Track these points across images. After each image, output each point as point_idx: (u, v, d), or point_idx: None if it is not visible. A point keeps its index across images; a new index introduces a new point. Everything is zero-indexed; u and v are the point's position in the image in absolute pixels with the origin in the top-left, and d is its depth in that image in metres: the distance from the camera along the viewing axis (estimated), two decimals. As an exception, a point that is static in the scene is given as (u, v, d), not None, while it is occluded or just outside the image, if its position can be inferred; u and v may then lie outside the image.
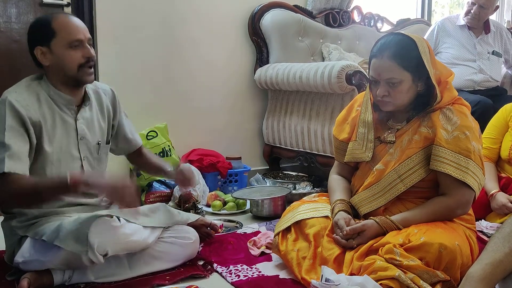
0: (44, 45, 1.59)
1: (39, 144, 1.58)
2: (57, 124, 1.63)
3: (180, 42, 2.90)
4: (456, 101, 1.67)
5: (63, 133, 1.64)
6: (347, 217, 1.64)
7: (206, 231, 1.98)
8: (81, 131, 1.68)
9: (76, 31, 1.60)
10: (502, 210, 2.13)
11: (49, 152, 1.60)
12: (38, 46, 1.60)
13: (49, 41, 1.59)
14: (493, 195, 2.16)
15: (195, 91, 2.99)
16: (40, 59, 1.61)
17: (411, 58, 1.60)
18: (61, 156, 1.64)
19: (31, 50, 1.62)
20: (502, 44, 3.35)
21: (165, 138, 2.81)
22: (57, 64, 1.60)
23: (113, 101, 1.84)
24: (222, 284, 1.66)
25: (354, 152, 1.76)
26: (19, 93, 1.57)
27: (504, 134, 2.31)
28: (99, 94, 1.79)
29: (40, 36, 1.60)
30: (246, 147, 3.21)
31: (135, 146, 1.94)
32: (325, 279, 1.36)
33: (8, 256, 1.66)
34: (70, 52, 1.59)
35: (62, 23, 1.60)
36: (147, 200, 2.60)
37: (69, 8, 2.61)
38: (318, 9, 3.35)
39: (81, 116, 1.69)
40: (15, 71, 2.53)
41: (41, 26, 1.61)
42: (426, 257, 1.42)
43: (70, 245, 1.47)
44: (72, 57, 1.59)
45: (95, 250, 1.46)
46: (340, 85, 2.50)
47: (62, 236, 1.49)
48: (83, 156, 1.70)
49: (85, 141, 1.70)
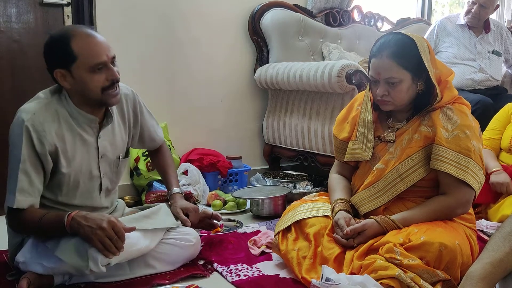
0: (64, 68, 1.49)
1: (56, 167, 1.55)
2: (77, 145, 1.58)
3: (181, 42, 2.90)
4: (456, 100, 1.67)
5: (84, 153, 1.59)
6: (347, 216, 1.64)
7: (209, 222, 1.97)
8: (102, 149, 1.63)
9: (99, 53, 1.48)
10: (503, 187, 2.17)
11: (66, 174, 1.57)
12: (58, 69, 1.49)
13: (69, 65, 1.47)
14: (497, 171, 2.22)
15: (195, 90, 2.99)
16: (61, 81, 1.51)
17: (410, 58, 1.60)
18: (80, 177, 1.61)
19: (50, 72, 1.51)
20: (502, 43, 3.36)
21: (165, 138, 2.80)
22: (79, 87, 1.51)
23: (134, 105, 1.77)
24: (222, 283, 1.66)
25: (354, 152, 1.76)
26: (37, 115, 1.48)
27: (506, 126, 2.40)
28: (121, 102, 1.70)
29: (59, 59, 1.49)
30: (246, 146, 3.21)
31: (158, 143, 1.95)
32: (326, 278, 1.36)
33: (11, 256, 1.66)
34: (93, 76, 1.49)
35: (83, 45, 1.47)
36: (147, 200, 2.60)
37: (69, 8, 2.62)
38: (318, 8, 3.35)
39: (103, 134, 1.63)
40: (15, 71, 2.53)
41: (59, 48, 1.48)
42: (426, 256, 1.42)
43: (71, 259, 1.46)
44: (95, 82, 1.49)
45: (98, 263, 1.44)
46: (340, 85, 2.49)
47: (63, 247, 1.47)
48: (103, 173, 1.67)
49: (106, 158, 1.66)
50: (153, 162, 2.05)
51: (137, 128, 1.82)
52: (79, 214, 1.46)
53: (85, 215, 1.46)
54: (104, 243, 1.42)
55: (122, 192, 2.72)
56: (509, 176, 2.21)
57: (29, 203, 1.50)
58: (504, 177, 2.20)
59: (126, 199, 2.67)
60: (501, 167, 2.27)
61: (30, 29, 2.55)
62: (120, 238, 1.44)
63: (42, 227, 1.49)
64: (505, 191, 2.18)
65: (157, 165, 1.99)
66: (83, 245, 1.45)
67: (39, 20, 2.57)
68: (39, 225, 1.48)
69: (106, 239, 1.42)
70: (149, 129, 1.87)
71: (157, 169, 2.02)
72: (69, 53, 1.47)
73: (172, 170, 1.95)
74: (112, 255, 1.44)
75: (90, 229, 1.42)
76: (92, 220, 1.43)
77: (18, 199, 1.47)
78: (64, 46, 1.47)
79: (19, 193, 1.47)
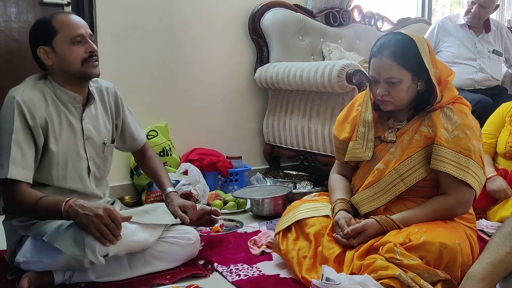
0: (46, 44, 1.59)
1: (46, 144, 1.59)
2: (63, 124, 1.63)
3: (181, 42, 2.90)
4: (457, 100, 1.67)
5: (69, 133, 1.64)
6: (347, 216, 1.64)
7: (209, 218, 1.97)
8: (87, 131, 1.68)
9: (77, 27, 1.60)
10: (500, 193, 2.15)
11: (55, 152, 1.60)
12: (41, 46, 1.60)
13: (51, 39, 1.59)
14: (492, 177, 2.18)
15: (196, 90, 2.99)
16: (43, 58, 1.61)
17: (410, 57, 1.59)
18: (68, 157, 1.64)
19: (34, 51, 1.62)
20: (503, 43, 3.35)
21: (166, 138, 2.81)
22: (60, 62, 1.60)
23: (116, 98, 1.84)
24: (222, 283, 1.66)
25: (355, 152, 1.76)
26: (26, 92, 1.57)
27: (501, 130, 2.36)
28: (102, 93, 1.78)
29: (42, 36, 1.60)
30: (247, 146, 3.21)
31: (140, 143, 1.96)
32: (326, 278, 1.36)
33: (9, 256, 1.66)
34: (73, 48, 1.59)
35: (62, 20, 1.60)
36: (147, 200, 2.60)
37: (69, 8, 2.61)
38: (318, 8, 3.35)
39: (86, 116, 1.69)
40: (15, 70, 2.53)
41: (41, 26, 1.61)
42: (426, 256, 1.42)
43: (68, 248, 1.46)
44: (75, 53, 1.59)
45: (96, 252, 1.45)
46: (341, 84, 2.49)
47: (61, 237, 1.48)
48: (89, 156, 1.70)
49: (91, 141, 1.70)
50: (143, 168, 2.06)
51: (119, 119, 1.86)
52: (77, 202, 1.48)
53: (82, 204, 1.47)
54: (101, 230, 1.43)
55: (122, 192, 2.72)
56: (504, 181, 2.19)
57: (23, 175, 1.51)
58: (500, 183, 2.17)
59: (126, 199, 2.67)
60: (496, 173, 2.24)
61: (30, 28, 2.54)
62: (116, 226, 1.45)
63: (37, 210, 1.50)
64: (504, 197, 2.16)
65: (147, 169, 2.00)
66: (80, 235, 1.46)
67: (39, 19, 2.57)
68: (35, 208, 1.49)
69: (103, 226, 1.43)
70: (131, 127, 1.90)
71: (148, 174, 2.03)
72: (50, 28, 1.59)
73: (163, 172, 1.97)
74: (109, 243, 1.45)
75: (86, 217, 1.44)
76: (88, 208, 1.45)
77: (11, 169, 1.48)
78: (45, 23, 1.60)
79: (12, 164, 1.49)
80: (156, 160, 2.00)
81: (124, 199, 2.65)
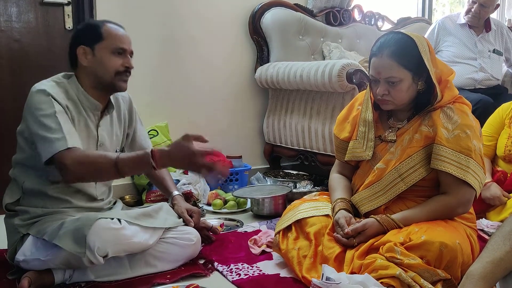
0: (88, 45, 1.62)
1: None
2: (81, 126, 1.64)
3: (181, 41, 2.90)
4: (457, 99, 1.67)
5: (84, 137, 1.64)
6: (347, 215, 1.64)
7: (206, 234, 1.98)
8: (101, 138, 1.70)
9: (123, 40, 1.65)
10: (494, 201, 2.15)
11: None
12: (82, 45, 1.62)
13: (95, 43, 1.62)
14: (486, 184, 2.18)
15: (196, 90, 2.99)
16: (80, 58, 1.63)
17: (410, 57, 1.59)
18: None
19: (73, 48, 1.64)
20: (503, 42, 3.35)
21: (166, 137, 2.81)
22: (96, 65, 1.63)
23: (130, 107, 1.87)
24: (222, 282, 1.66)
25: (355, 151, 1.76)
26: (50, 86, 1.58)
27: (500, 132, 2.34)
28: (118, 101, 1.81)
29: (87, 37, 1.63)
30: (247, 146, 3.21)
31: None
32: (326, 277, 1.36)
33: (10, 254, 1.66)
34: (112, 57, 1.63)
35: (111, 30, 1.65)
36: (148, 199, 2.60)
37: (69, 7, 2.62)
38: (318, 7, 3.35)
39: (103, 123, 1.71)
40: (15, 70, 2.53)
41: (90, 28, 1.66)
42: (427, 255, 1.42)
43: (68, 245, 1.47)
44: (112, 62, 1.63)
45: (95, 251, 1.46)
46: (341, 84, 2.49)
47: (61, 235, 1.49)
48: None
49: (104, 148, 1.71)
50: (148, 175, 2.06)
51: (131, 129, 1.88)
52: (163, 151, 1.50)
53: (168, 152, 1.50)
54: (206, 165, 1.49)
55: (122, 191, 2.72)
56: (499, 187, 2.18)
57: (80, 143, 1.52)
58: (494, 191, 2.16)
59: (126, 198, 2.67)
60: (495, 175, 2.24)
61: (31, 28, 2.55)
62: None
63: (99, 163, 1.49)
64: (498, 204, 2.16)
65: (153, 176, 2.01)
66: (81, 232, 1.47)
67: (39, 19, 2.57)
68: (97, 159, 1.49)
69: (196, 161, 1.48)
70: (140, 137, 1.93)
71: (153, 180, 2.05)
72: (98, 33, 1.63)
73: (168, 177, 2.00)
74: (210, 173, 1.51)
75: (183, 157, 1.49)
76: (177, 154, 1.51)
77: (70, 140, 1.48)
78: (95, 27, 1.65)
79: (68, 134, 1.49)
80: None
81: (124, 199, 2.65)
